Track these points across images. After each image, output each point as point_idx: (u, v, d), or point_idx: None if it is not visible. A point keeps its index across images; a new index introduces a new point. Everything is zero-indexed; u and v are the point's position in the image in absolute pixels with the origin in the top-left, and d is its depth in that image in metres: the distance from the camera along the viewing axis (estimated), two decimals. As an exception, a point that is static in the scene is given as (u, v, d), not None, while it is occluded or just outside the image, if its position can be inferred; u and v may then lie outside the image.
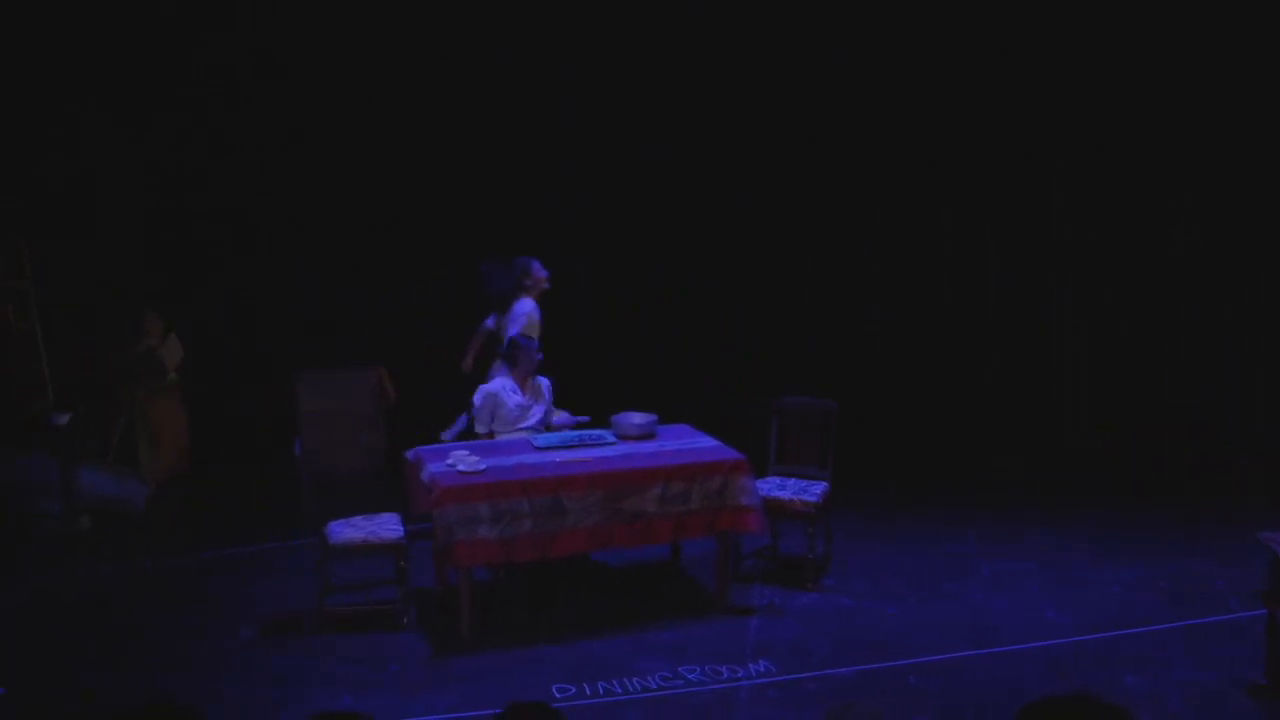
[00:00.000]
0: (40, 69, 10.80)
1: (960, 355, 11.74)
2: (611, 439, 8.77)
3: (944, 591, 8.81)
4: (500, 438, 8.99)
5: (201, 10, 11.00)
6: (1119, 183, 11.38)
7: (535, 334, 9.44)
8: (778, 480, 9.14)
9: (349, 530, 8.20)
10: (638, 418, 8.94)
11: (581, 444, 8.63)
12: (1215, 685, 7.32)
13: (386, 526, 8.27)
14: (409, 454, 8.70)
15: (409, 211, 11.47)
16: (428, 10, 11.20)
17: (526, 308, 9.62)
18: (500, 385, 9.09)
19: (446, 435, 9.49)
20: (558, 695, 7.13)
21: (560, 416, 9.42)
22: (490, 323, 9.91)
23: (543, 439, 8.71)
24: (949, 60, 11.30)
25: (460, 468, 8.03)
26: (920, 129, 11.46)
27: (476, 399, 9.09)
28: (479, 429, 9.06)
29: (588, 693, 7.18)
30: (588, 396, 9.70)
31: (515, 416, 9.05)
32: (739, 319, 11.73)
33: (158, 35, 10.96)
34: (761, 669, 7.49)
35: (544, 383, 9.25)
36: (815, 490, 8.97)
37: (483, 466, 8.06)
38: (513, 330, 9.44)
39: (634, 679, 7.33)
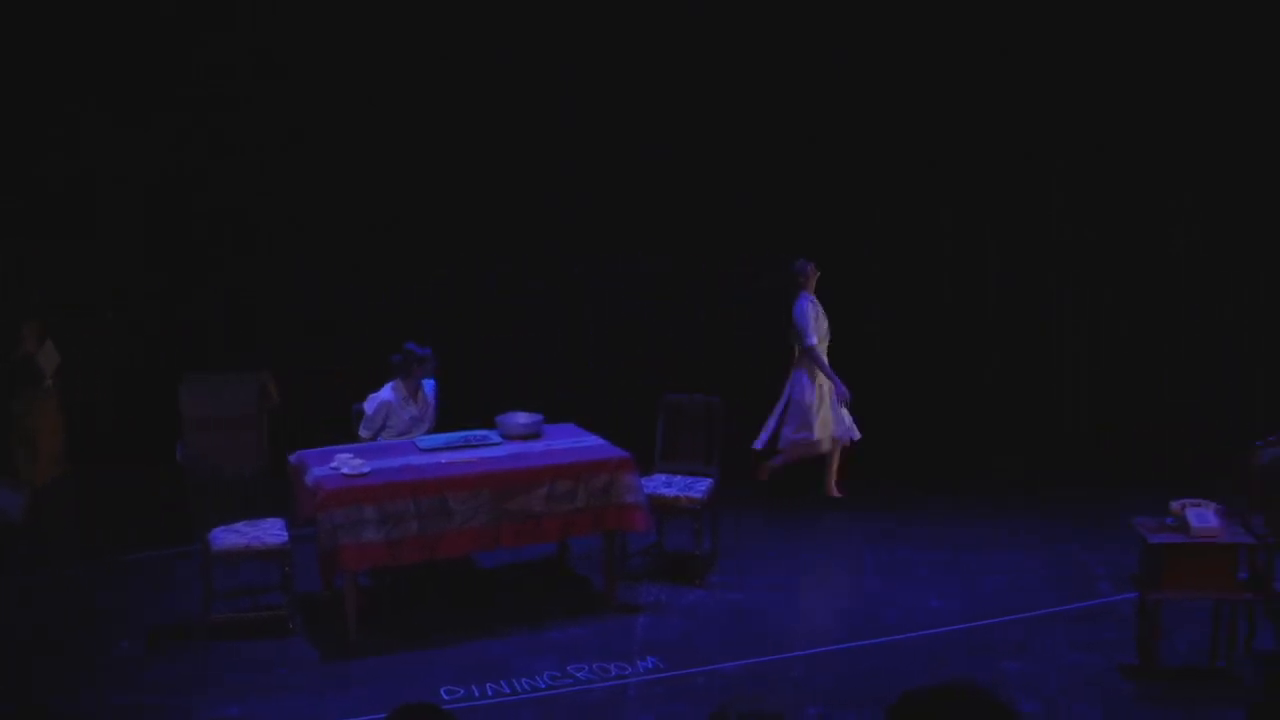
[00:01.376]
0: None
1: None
2: (497, 439, 8.75)
3: (831, 584, 8.94)
4: (385, 439, 8.92)
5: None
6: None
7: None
8: (664, 478, 9.18)
9: (232, 536, 8.10)
10: (523, 417, 8.93)
11: (467, 445, 8.60)
12: (1092, 667, 7.50)
13: (270, 532, 8.18)
14: (292, 457, 8.61)
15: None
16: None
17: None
18: (394, 395, 8.98)
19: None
20: (446, 697, 7.11)
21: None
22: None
23: (427, 440, 8.66)
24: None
25: (344, 470, 7.96)
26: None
27: (368, 407, 8.99)
28: (363, 434, 8.96)
29: (476, 694, 7.16)
30: (473, 397, 9.67)
31: (406, 428, 8.98)
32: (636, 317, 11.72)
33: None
34: (649, 665, 7.52)
35: (428, 386, 9.16)
36: (701, 487, 9.03)
37: (367, 469, 7.99)
38: (806, 328, 10.17)
39: (523, 679, 7.33)
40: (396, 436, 8.94)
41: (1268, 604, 6.97)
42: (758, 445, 10.40)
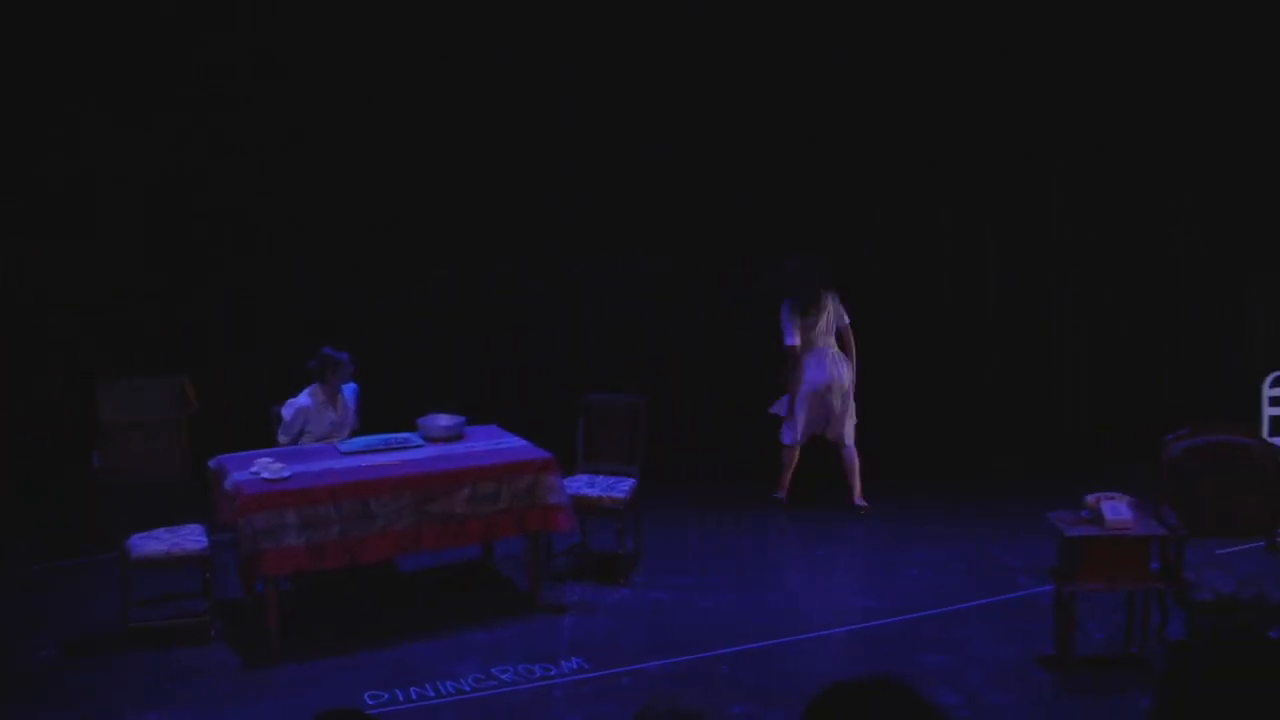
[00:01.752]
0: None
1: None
2: (419, 441, 8.72)
3: (755, 582, 8.97)
4: (304, 444, 8.86)
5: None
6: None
7: None
8: (586, 478, 9.19)
9: (151, 543, 8.02)
10: (444, 419, 8.91)
11: (388, 447, 8.56)
12: (1011, 659, 7.61)
13: (190, 538, 8.10)
14: (212, 462, 8.53)
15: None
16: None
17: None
18: (312, 401, 8.91)
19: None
20: (370, 702, 7.07)
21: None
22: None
23: (349, 444, 8.62)
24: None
25: (265, 475, 7.91)
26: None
27: (286, 413, 8.90)
28: (282, 439, 8.89)
29: (400, 698, 7.14)
30: (394, 399, 9.63)
31: (325, 433, 8.91)
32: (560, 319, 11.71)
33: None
34: (575, 666, 7.53)
35: (348, 391, 9.10)
36: (623, 487, 9.05)
37: (288, 473, 7.94)
38: (784, 329, 10.22)
39: (447, 682, 7.31)
40: (316, 441, 8.88)
41: (1178, 593, 7.10)
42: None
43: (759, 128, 11.41)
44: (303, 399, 8.89)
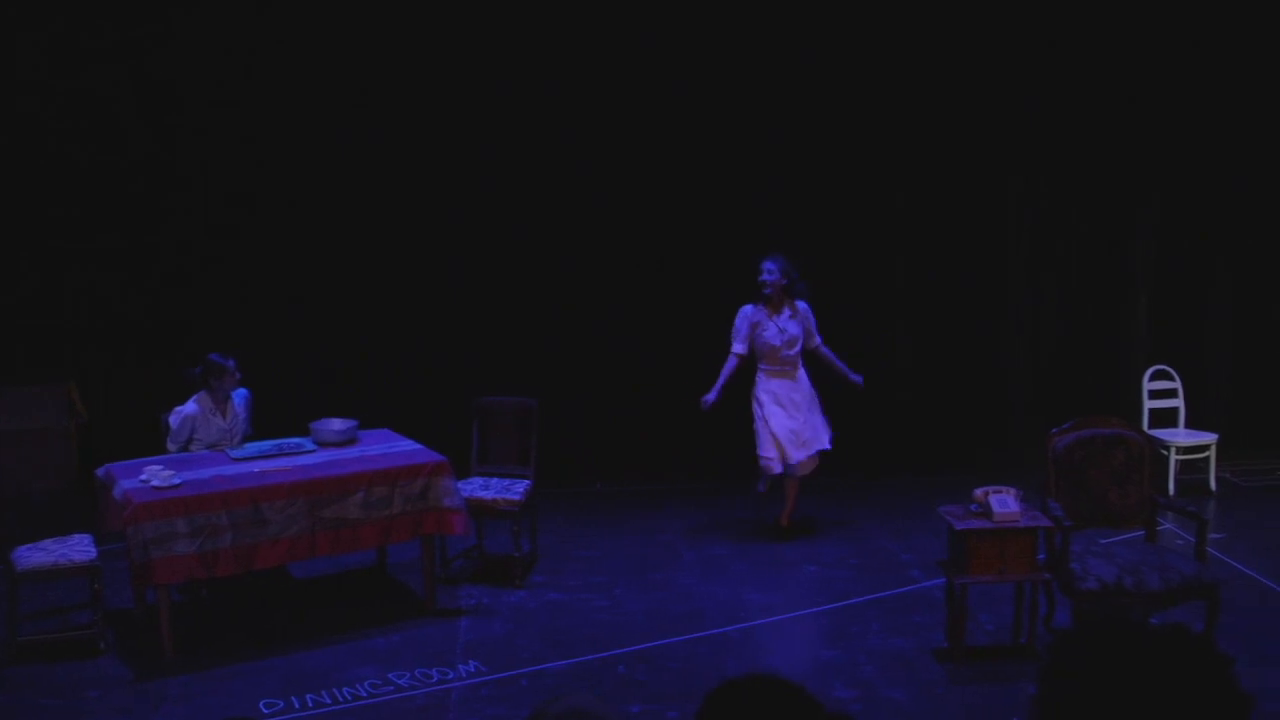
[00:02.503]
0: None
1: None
2: (311, 446, 8.67)
3: (651, 581, 9.02)
4: (195, 451, 8.76)
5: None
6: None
7: None
8: (480, 480, 9.19)
9: (38, 554, 7.87)
10: (337, 423, 8.86)
11: (280, 453, 8.50)
12: (905, 651, 7.72)
13: (78, 548, 7.96)
14: (100, 471, 8.40)
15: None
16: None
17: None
18: (198, 408, 8.80)
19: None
20: (266, 710, 7.01)
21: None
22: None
23: (240, 450, 8.54)
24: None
25: (154, 483, 7.80)
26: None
27: (173, 420, 8.78)
28: (170, 447, 8.77)
29: (297, 705, 7.08)
30: (287, 404, 9.55)
31: (214, 440, 8.80)
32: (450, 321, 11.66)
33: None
34: (472, 669, 7.52)
35: (239, 397, 8.99)
36: (518, 489, 9.06)
37: (178, 481, 7.84)
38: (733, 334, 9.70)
39: (344, 688, 7.26)
40: (207, 449, 8.78)
41: (1064, 583, 7.26)
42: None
43: (654, 128, 11.46)
44: (189, 406, 8.77)
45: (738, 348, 9.66)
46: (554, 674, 7.50)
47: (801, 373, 9.79)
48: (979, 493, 7.47)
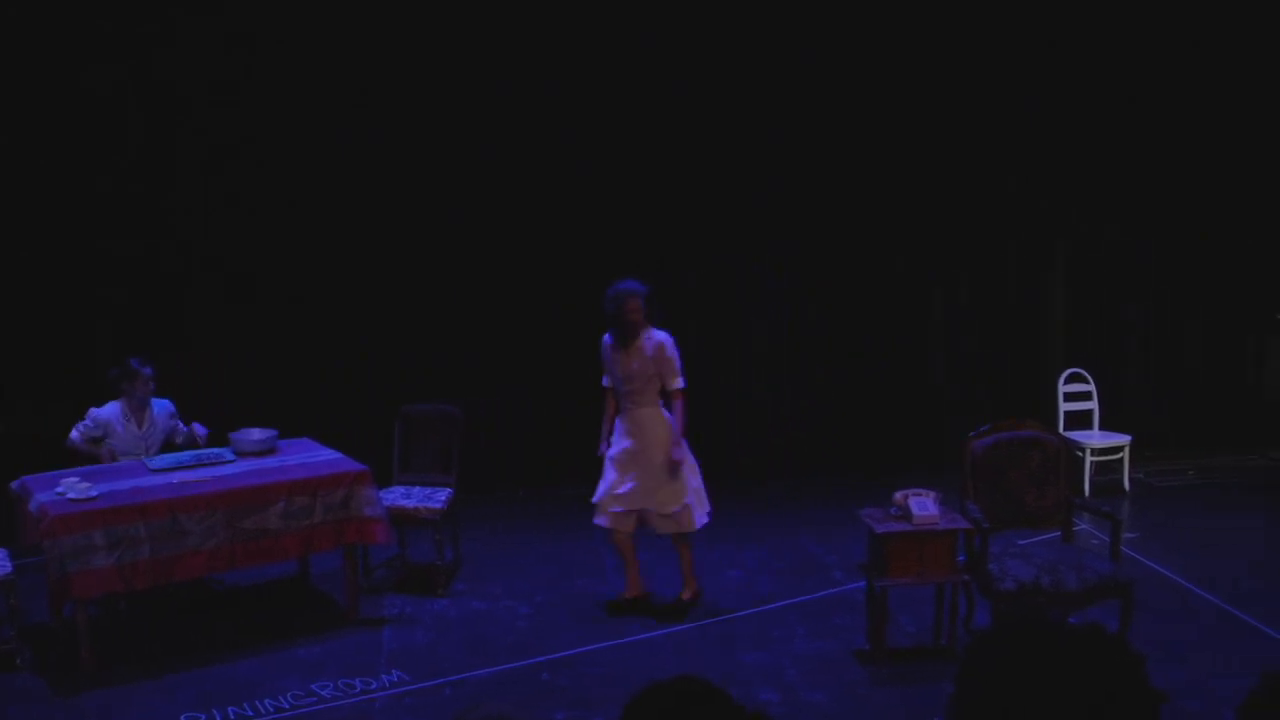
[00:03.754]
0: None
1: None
2: (230, 456, 8.60)
3: (574, 588, 9.02)
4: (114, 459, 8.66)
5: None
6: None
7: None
8: (402, 489, 9.16)
9: (-49, 569, 7.76)
10: (256, 433, 8.80)
11: (199, 463, 8.43)
12: (826, 654, 7.79)
13: (-7, 563, 7.85)
14: (14, 484, 8.28)
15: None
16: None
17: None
18: (113, 414, 8.70)
19: None
20: (187, 723, 6.97)
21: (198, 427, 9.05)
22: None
23: (157, 460, 8.46)
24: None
25: (70, 495, 7.71)
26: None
27: (89, 416, 8.70)
28: (73, 434, 8.65)
29: (218, 718, 7.01)
30: (205, 413, 9.46)
31: (129, 448, 8.71)
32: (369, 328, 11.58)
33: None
34: (395, 679, 7.49)
35: (160, 408, 8.90)
36: (440, 497, 9.04)
37: (95, 493, 7.75)
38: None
39: (266, 700, 7.21)
40: (124, 457, 8.69)
41: (983, 584, 7.35)
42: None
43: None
44: (107, 408, 8.66)
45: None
46: (477, 682, 7.49)
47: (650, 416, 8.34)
48: (899, 496, 7.55)
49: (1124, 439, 11.23)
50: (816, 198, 11.69)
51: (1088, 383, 11.48)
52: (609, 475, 8.38)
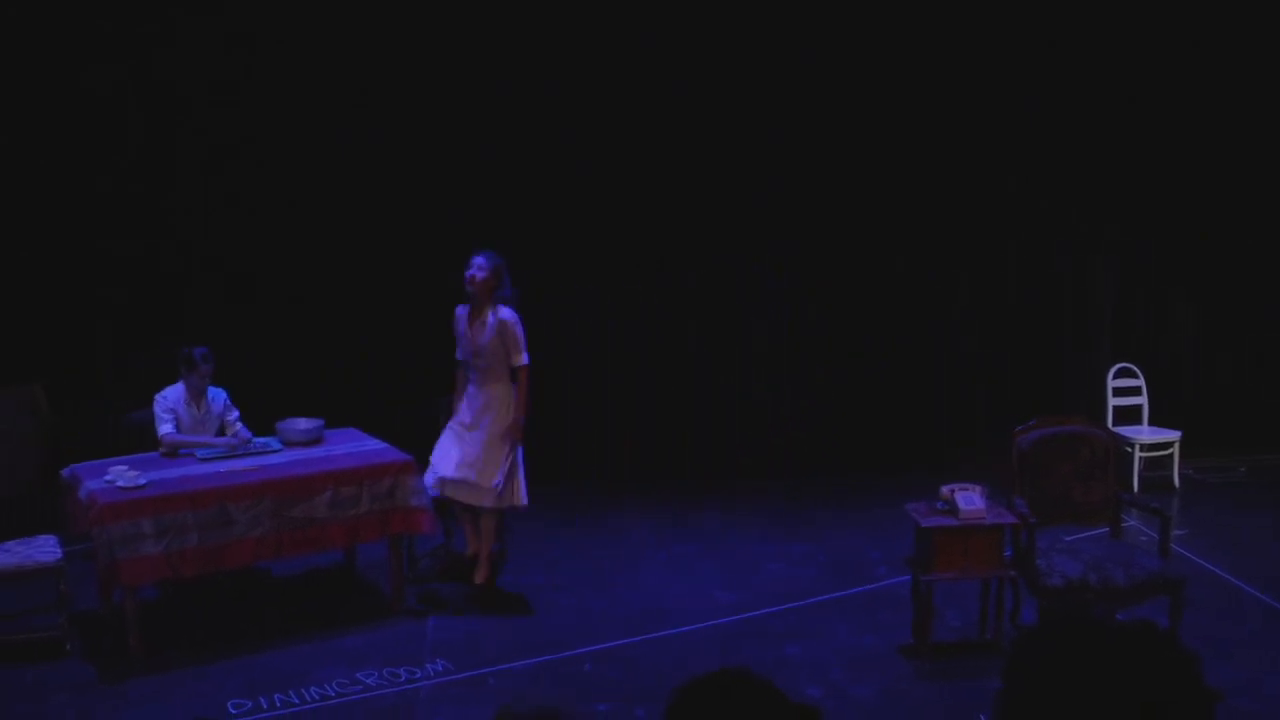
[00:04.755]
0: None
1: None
2: (277, 446, 8.64)
3: (618, 579, 9.03)
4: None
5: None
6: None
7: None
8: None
9: (2, 555, 7.82)
10: (303, 423, 8.84)
11: (246, 453, 8.48)
12: (870, 649, 7.76)
13: (43, 549, 7.92)
14: (65, 472, 8.36)
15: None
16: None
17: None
18: (179, 396, 8.71)
19: None
20: (233, 711, 7.00)
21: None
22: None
23: (206, 450, 8.50)
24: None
25: (120, 483, 7.77)
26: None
27: (160, 407, 8.71)
28: (161, 428, 8.67)
29: (264, 706, 7.06)
30: (252, 403, 9.51)
31: (190, 429, 8.74)
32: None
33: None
34: (439, 668, 7.52)
35: (215, 395, 8.90)
36: (487, 487, 9.03)
37: (143, 481, 7.81)
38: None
39: (311, 688, 7.25)
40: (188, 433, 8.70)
41: (1030, 579, 7.31)
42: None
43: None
44: (173, 393, 8.65)
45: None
46: (521, 673, 7.50)
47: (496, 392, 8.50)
48: (945, 490, 7.51)
49: (1173, 435, 11.13)
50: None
51: (1137, 377, 11.39)
52: (442, 444, 8.59)
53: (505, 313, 8.39)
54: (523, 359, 8.38)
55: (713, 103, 11.36)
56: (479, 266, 8.44)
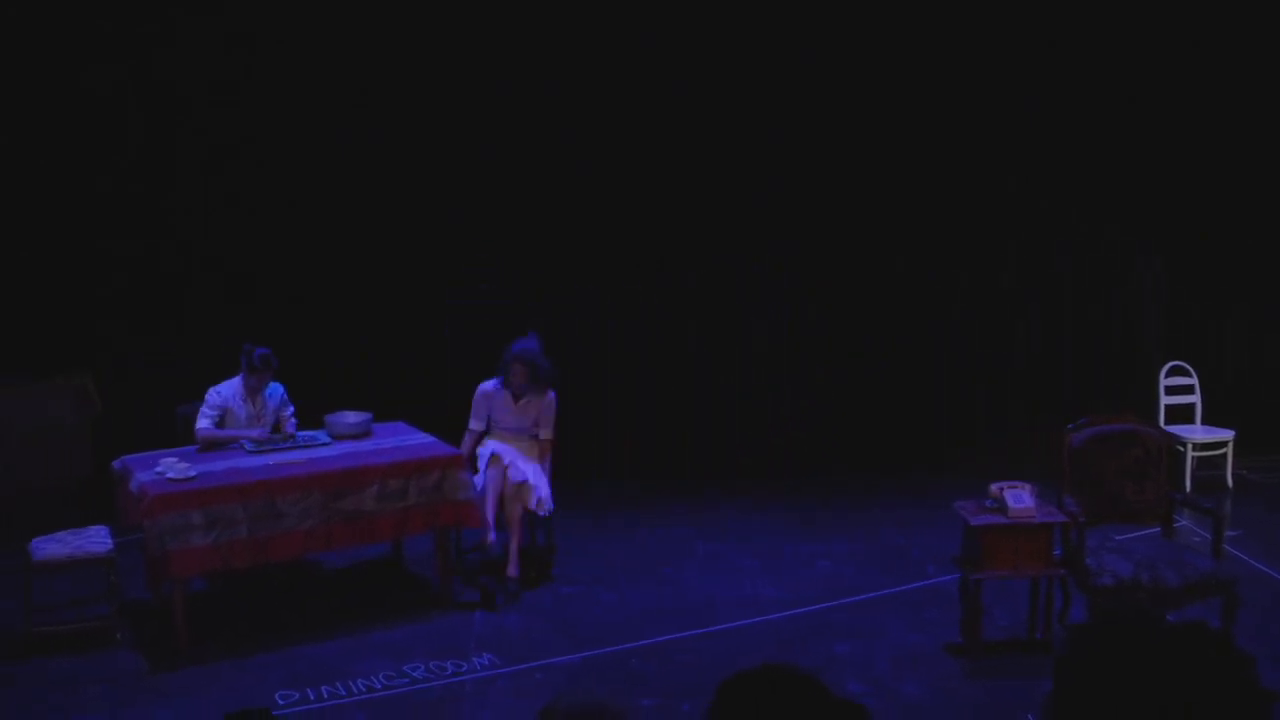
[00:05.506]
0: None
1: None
2: (326, 439, 8.68)
3: (662, 576, 9.01)
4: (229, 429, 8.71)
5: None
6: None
7: None
8: (496, 473, 9.18)
9: (54, 546, 7.89)
10: (352, 416, 8.87)
11: (295, 445, 8.52)
12: (918, 647, 7.72)
13: (94, 540, 7.98)
14: (116, 463, 8.42)
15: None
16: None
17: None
18: (234, 392, 8.75)
19: None
20: (281, 702, 7.03)
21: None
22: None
23: (255, 443, 8.54)
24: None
25: (170, 475, 7.82)
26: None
27: (209, 404, 8.73)
28: (200, 423, 8.73)
29: (311, 697, 7.09)
30: (300, 397, 9.55)
31: (242, 426, 8.77)
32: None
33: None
34: (486, 662, 7.53)
35: (272, 391, 8.92)
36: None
37: (193, 473, 7.86)
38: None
39: (358, 680, 7.27)
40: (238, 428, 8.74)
41: (1080, 578, 7.24)
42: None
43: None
44: (228, 388, 8.69)
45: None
46: (567, 667, 7.50)
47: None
48: (995, 488, 7.45)
49: (1227, 434, 11.01)
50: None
51: (1190, 376, 11.27)
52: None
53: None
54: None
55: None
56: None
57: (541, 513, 8.85)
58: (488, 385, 9.07)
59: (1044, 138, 11.68)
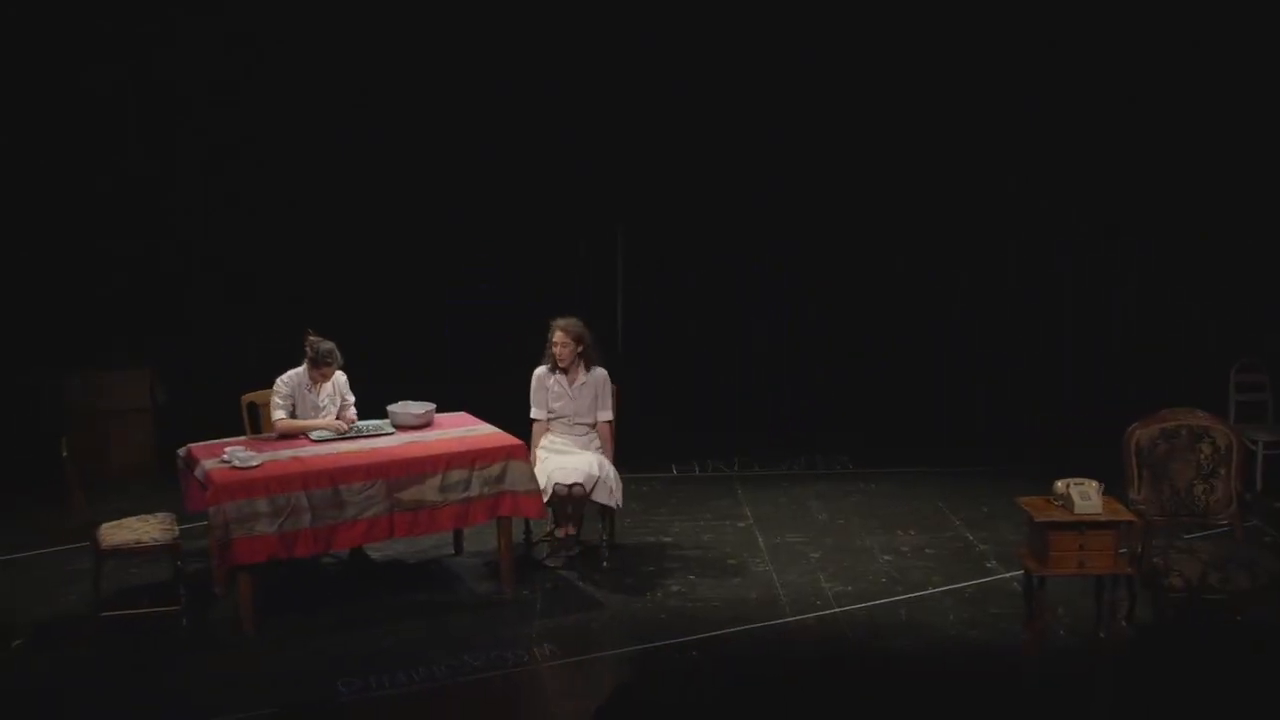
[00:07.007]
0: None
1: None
2: (389, 429, 8.71)
3: (725, 568, 8.99)
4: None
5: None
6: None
7: None
8: (558, 464, 9.19)
9: (121, 532, 7.97)
10: (414, 407, 8.90)
11: (358, 435, 8.56)
12: (980, 643, 7.64)
13: (160, 526, 8.06)
14: (181, 451, 8.50)
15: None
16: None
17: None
18: (300, 379, 8.79)
19: None
20: (343, 690, 7.06)
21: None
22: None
23: (319, 432, 8.59)
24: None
25: (234, 463, 7.89)
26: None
27: (280, 393, 8.77)
28: (275, 415, 8.78)
29: (374, 685, 7.13)
30: (361, 387, 9.59)
31: (306, 413, 8.83)
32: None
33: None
34: (546, 653, 7.54)
35: (340, 380, 8.96)
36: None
37: (257, 461, 7.92)
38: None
39: (419, 669, 7.30)
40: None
41: (1146, 578, 7.15)
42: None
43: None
44: (294, 376, 8.70)
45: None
46: (627, 658, 7.50)
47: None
48: (1060, 485, 7.38)
49: (1300, 432, 10.84)
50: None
51: (1262, 373, 11.10)
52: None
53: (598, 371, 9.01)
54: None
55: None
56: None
57: (613, 504, 8.85)
58: (540, 369, 9.01)
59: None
